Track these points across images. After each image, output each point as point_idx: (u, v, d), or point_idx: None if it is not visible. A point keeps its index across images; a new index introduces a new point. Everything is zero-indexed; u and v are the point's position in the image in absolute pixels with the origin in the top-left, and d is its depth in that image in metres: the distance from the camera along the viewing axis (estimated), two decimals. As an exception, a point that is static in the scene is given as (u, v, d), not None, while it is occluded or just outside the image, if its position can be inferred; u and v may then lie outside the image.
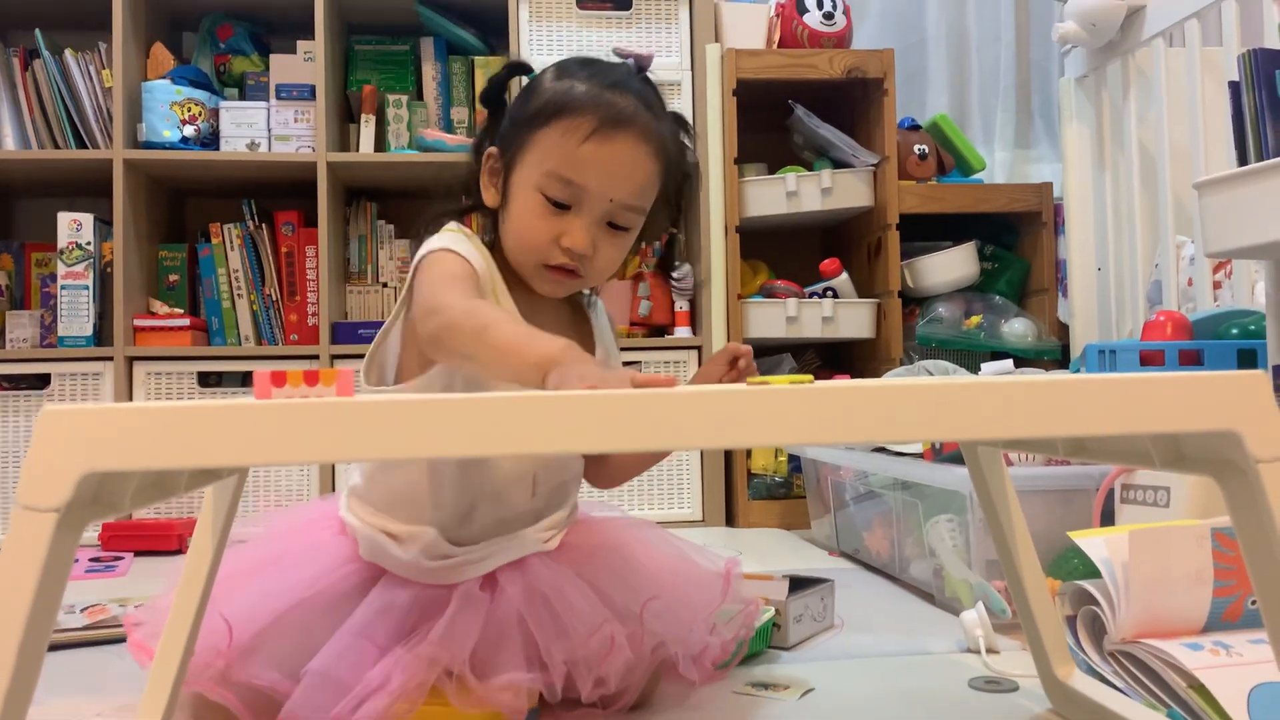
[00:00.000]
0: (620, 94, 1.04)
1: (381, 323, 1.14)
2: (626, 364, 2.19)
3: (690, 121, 1.15)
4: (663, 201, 1.12)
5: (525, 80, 1.13)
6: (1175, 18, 2.19)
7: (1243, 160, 1.37)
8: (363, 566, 1.09)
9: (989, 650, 1.26)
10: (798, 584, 1.38)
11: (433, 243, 1.06)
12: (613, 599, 1.08)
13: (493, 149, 1.11)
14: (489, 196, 1.11)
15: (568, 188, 1.03)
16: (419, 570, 1.08)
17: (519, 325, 0.94)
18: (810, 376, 0.68)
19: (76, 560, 1.78)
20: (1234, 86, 1.39)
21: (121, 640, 1.38)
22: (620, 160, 1.04)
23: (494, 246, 1.11)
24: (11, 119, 2.50)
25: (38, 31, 2.46)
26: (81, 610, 1.47)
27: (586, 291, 1.21)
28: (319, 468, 2.42)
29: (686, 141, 1.13)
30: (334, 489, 2.42)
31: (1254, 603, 1.03)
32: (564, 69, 1.09)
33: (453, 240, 1.06)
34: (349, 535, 1.12)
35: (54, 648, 1.33)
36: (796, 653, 1.31)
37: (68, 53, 2.48)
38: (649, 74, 1.11)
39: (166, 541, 2.19)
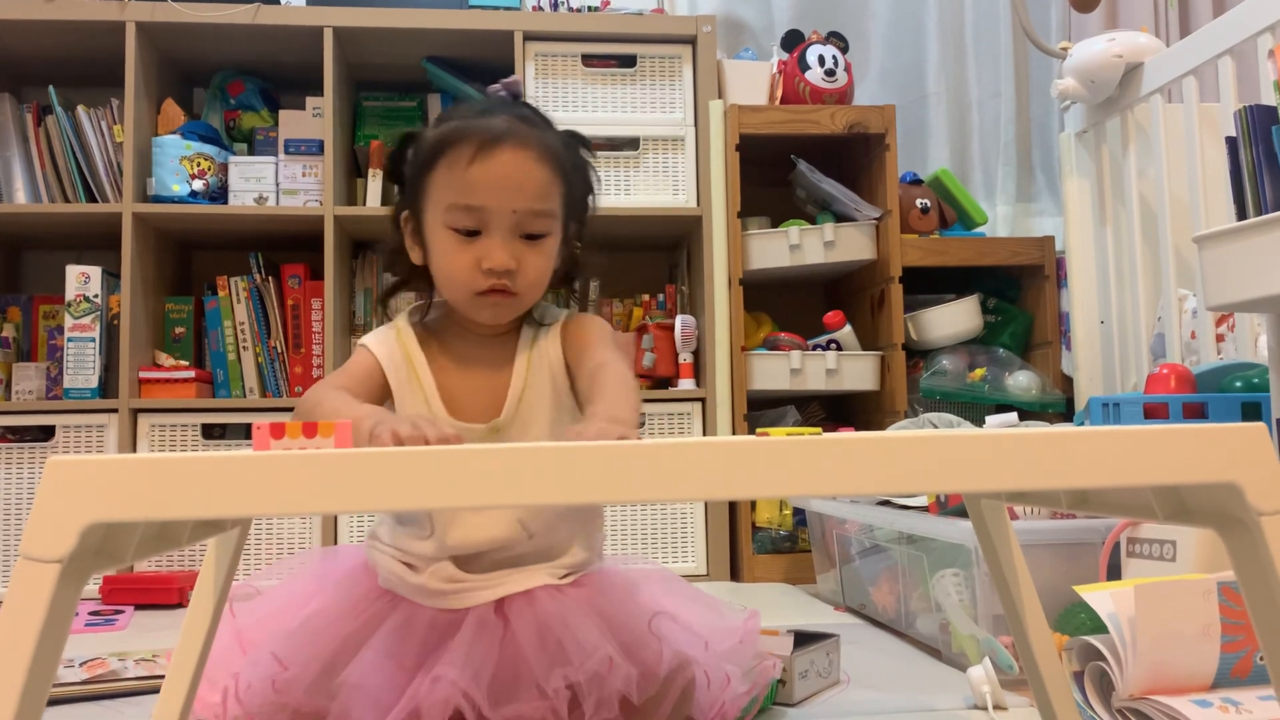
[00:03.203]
0: (491, 117, 1.09)
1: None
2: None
3: (587, 141, 1.18)
4: (568, 210, 1.13)
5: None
6: (1172, 74, 2.21)
7: (1241, 214, 1.38)
8: (383, 598, 1.13)
9: (996, 707, 1.24)
10: (803, 639, 1.36)
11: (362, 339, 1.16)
12: (622, 623, 1.08)
13: (405, 212, 1.15)
14: (415, 255, 1.15)
15: (469, 213, 1.07)
16: (429, 594, 1.10)
17: (343, 407, 1.01)
18: (819, 429, 0.68)
19: (76, 614, 1.77)
20: (1231, 142, 1.41)
21: (120, 695, 1.38)
22: (507, 171, 1.06)
23: (433, 309, 1.17)
24: (24, 173, 2.53)
25: (51, 88, 2.51)
26: (80, 664, 1.46)
27: (539, 325, 1.17)
28: (320, 518, 2.41)
29: (585, 155, 1.16)
30: (335, 540, 2.41)
31: (1262, 658, 1.02)
32: (440, 118, 1.14)
33: (374, 335, 1.15)
34: (370, 570, 1.16)
35: (52, 702, 1.32)
36: (802, 709, 1.30)
37: (80, 109, 2.52)
38: (522, 98, 1.17)
39: (167, 595, 2.18)
